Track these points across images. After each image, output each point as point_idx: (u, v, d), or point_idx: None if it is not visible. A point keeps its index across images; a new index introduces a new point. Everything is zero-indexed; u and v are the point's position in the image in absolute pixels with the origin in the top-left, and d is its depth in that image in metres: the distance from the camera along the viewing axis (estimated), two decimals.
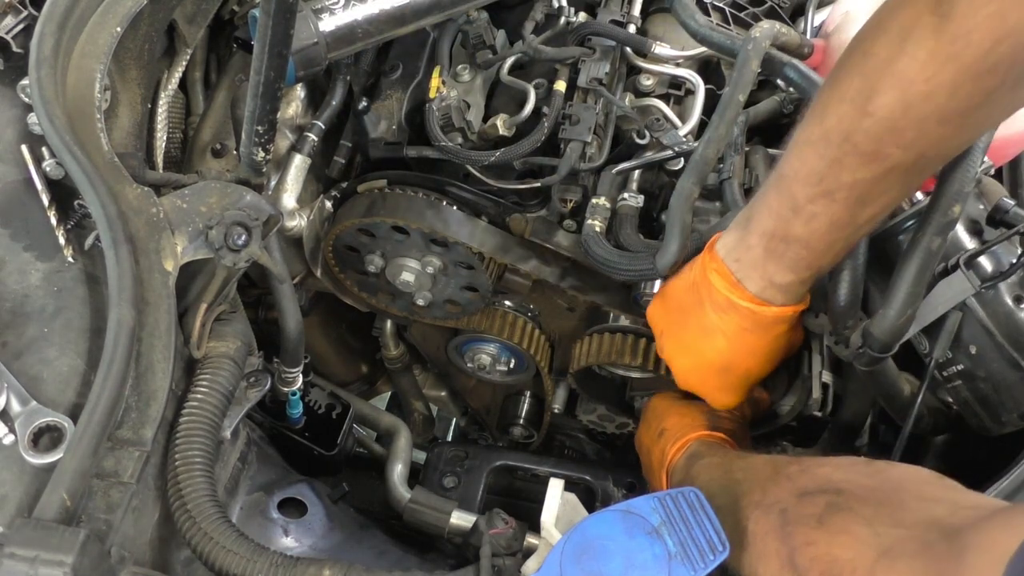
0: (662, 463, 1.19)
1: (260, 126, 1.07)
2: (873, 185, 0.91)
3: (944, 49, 0.79)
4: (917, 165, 0.89)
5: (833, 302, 1.05)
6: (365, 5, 1.22)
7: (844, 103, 0.89)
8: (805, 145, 0.94)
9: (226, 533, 0.90)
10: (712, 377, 1.17)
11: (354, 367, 1.80)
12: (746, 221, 1.03)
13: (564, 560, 0.87)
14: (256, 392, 1.09)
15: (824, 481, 0.88)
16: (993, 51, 0.77)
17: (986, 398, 1.03)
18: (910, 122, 0.85)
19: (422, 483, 1.40)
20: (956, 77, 0.80)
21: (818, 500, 0.85)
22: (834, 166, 0.91)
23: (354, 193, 1.34)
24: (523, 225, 1.30)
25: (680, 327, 1.15)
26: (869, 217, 0.96)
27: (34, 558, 0.77)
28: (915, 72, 0.82)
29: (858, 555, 0.77)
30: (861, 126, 0.87)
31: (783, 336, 1.10)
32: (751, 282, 1.04)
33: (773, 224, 0.99)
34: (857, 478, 0.87)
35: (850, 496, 0.84)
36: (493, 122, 1.27)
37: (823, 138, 0.91)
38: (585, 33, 1.31)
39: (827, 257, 1.00)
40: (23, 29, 1.12)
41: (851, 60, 0.89)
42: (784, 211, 0.97)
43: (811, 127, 0.93)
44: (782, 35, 1.13)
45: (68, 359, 0.94)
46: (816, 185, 0.93)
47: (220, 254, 1.01)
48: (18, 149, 1.06)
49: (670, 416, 1.24)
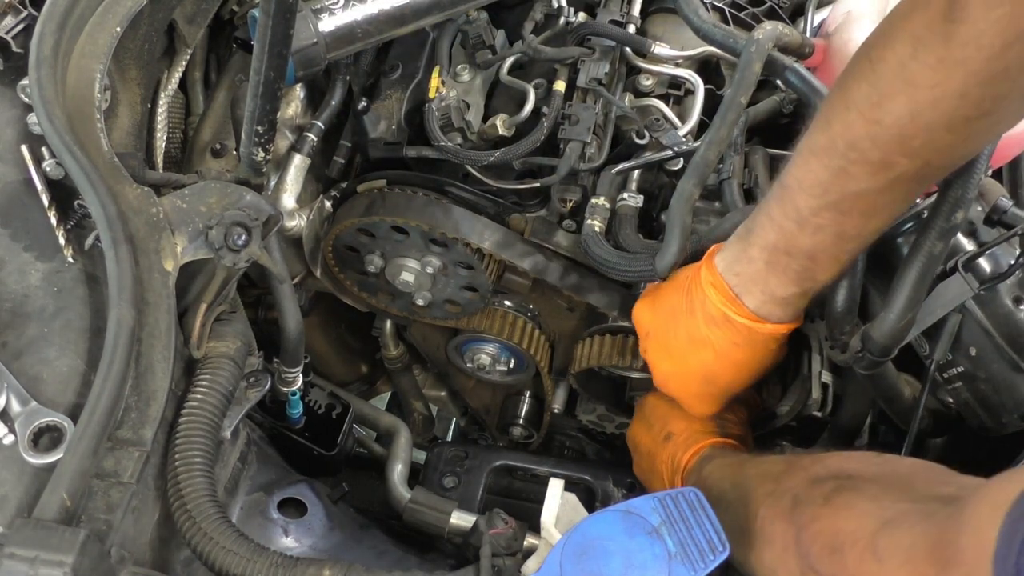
0: (675, 470, 1.18)
1: (260, 126, 1.07)
2: (879, 195, 0.90)
3: (953, 55, 0.79)
4: (923, 174, 0.89)
5: (831, 308, 1.05)
6: (365, 5, 1.22)
7: (851, 111, 0.88)
8: (810, 154, 0.93)
9: (226, 533, 0.90)
10: (693, 386, 1.17)
11: (354, 367, 1.80)
12: (747, 233, 1.02)
13: (564, 560, 0.87)
14: (256, 392, 1.09)
15: (836, 468, 0.89)
16: (1002, 56, 0.77)
17: (986, 399, 1.03)
18: (918, 130, 0.84)
19: (422, 483, 1.40)
20: (965, 83, 0.80)
21: (827, 484, 0.86)
22: (840, 176, 0.90)
23: (354, 193, 1.34)
24: (522, 225, 1.30)
25: (668, 332, 1.14)
26: (875, 229, 0.95)
27: (34, 558, 0.76)
28: (924, 78, 0.81)
29: (860, 526, 0.77)
30: (868, 134, 0.86)
31: (772, 353, 1.10)
32: (750, 297, 1.03)
33: (776, 237, 0.98)
34: (868, 466, 0.88)
35: (859, 479, 0.85)
36: (493, 122, 1.27)
37: (829, 147, 0.90)
38: (584, 33, 1.31)
39: (831, 271, 0.99)
40: (23, 29, 1.12)
41: (858, 67, 0.88)
42: (788, 223, 0.96)
43: (816, 135, 0.92)
44: (784, 35, 1.13)
45: (68, 359, 0.94)
46: (821, 196, 0.92)
47: (220, 254, 1.01)
48: (18, 149, 1.06)
49: (675, 419, 1.24)
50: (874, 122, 0.86)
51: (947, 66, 0.80)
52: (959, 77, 0.80)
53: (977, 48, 0.77)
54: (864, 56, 0.88)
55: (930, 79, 0.81)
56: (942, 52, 0.79)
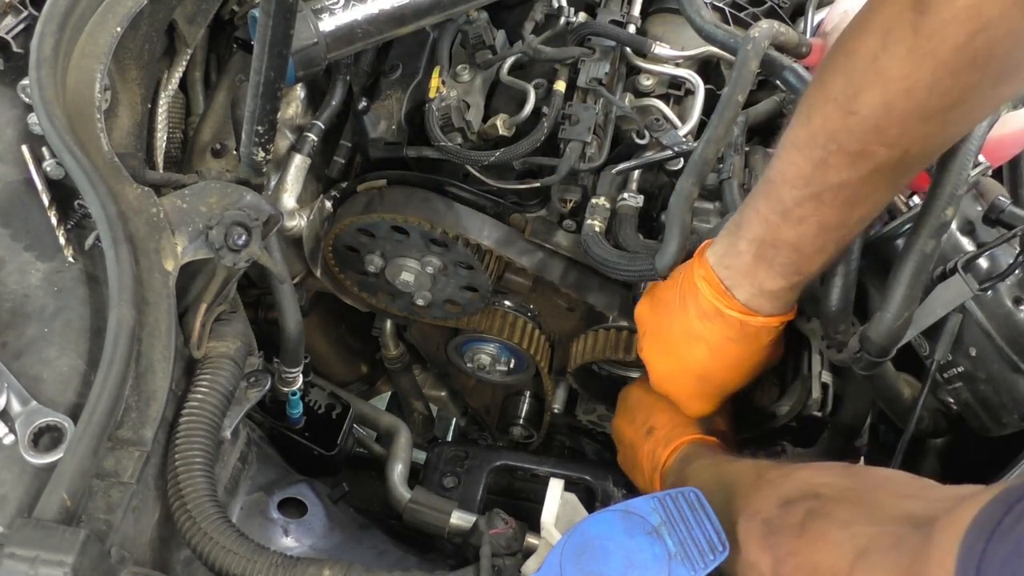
0: (654, 466, 1.18)
1: (260, 126, 1.07)
2: (860, 186, 0.91)
3: (922, 45, 0.80)
4: (903, 163, 0.89)
5: (825, 307, 1.05)
6: (365, 5, 1.22)
7: (829, 103, 0.89)
8: (792, 147, 0.94)
9: (226, 533, 0.90)
10: (689, 384, 1.17)
11: (354, 367, 1.79)
12: (736, 227, 1.03)
13: (564, 560, 0.87)
14: (256, 392, 1.09)
15: (804, 486, 0.87)
16: (969, 45, 0.77)
17: (987, 399, 1.03)
18: (893, 120, 0.85)
19: (422, 483, 1.40)
20: (935, 73, 0.80)
21: (798, 508, 0.84)
22: (820, 167, 0.91)
23: (354, 193, 1.34)
24: (523, 225, 1.30)
25: (664, 329, 1.14)
26: (859, 219, 0.96)
27: (34, 558, 0.76)
28: (895, 69, 0.82)
29: (837, 560, 0.77)
30: (846, 125, 0.87)
31: (765, 349, 1.10)
32: (740, 290, 1.04)
33: (762, 229, 0.99)
34: (835, 480, 0.86)
35: (828, 500, 0.83)
36: (493, 122, 1.27)
37: (809, 140, 0.91)
38: (585, 33, 1.31)
39: (817, 262, 1.00)
40: (23, 29, 1.12)
41: (835, 60, 0.89)
42: (773, 216, 0.97)
43: (797, 129, 0.93)
44: (781, 34, 1.13)
45: (68, 359, 0.94)
46: (803, 188, 0.93)
47: (220, 254, 1.01)
48: (18, 149, 1.06)
49: (658, 412, 1.24)
50: (851, 113, 0.86)
51: (916, 57, 0.81)
52: (928, 67, 0.80)
53: (943, 38, 0.78)
54: (840, 48, 0.89)
55: (900, 70, 0.82)
56: (911, 42, 0.80)
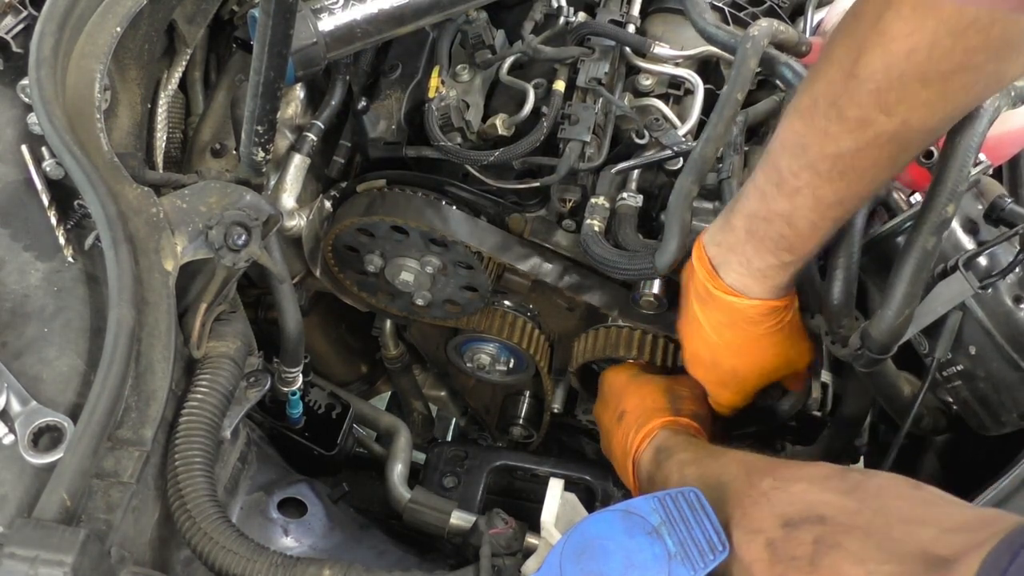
0: (626, 452, 1.17)
1: (260, 126, 1.07)
2: (857, 157, 0.91)
3: (925, 2, 0.80)
4: (901, 135, 0.89)
5: (827, 301, 1.05)
6: (364, 5, 1.22)
7: (832, 66, 0.89)
8: (793, 114, 0.95)
9: (226, 533, 0.90)
10: (704, 370, 1.17)
11: (354, 367, 1.79)
12: (733, 203, 1.04)
13: (564, 560, 0.87)
14: (256, 392, 1.09)
15: (803, 506, 0.84)
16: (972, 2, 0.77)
17: (986, 398, 1.03)
18: (892, 82, 0.85)
19: (422, 483, 1.40)
20: (936, 32, 0.81)
21: (804, 535, 0.81)
22: (819, 136, 0.91)
23: (353, 193, 1.34)
24: (522, 225, 1.30)
25: (680, 313, 1.16)
26: (855, 196, 0.96)
27: (34, 558, 0.77)
28: (897, 28, 0.82)
29: None
30: (846, 89, 0.88)
31: (768, 339, 1.09)
32: (728, 268, 1.04)
33: (757, 204, 1.00)
34: (836, 499, 0.83)
35: (835, 527, 0.80)
36: (492, 122, 1.27)
37: (811, 105, 0.92)
38: (584, 33, 1.31)
39: (811, 241, 0.99)
40: (23, 29, 1.12)
41: (843, 23, 0.90)
42: (768, 186, 0.98)
43: (801, 96, 0.94)
44: (780, 33, 1.13)
45: (68, 359, 0.94)
46: (801, 156, 0.93)
47: (220, 254, 1.01)
48: (18, 149, 1.06)
49: (628, 396, 1.23)
50: (851, 76, 0.87)
51: (919, 14, 0.81)
52: (930, 26, 0.81)
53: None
54: (849, 12, 0.90)
55: (902, 29, 0.82)
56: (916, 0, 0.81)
